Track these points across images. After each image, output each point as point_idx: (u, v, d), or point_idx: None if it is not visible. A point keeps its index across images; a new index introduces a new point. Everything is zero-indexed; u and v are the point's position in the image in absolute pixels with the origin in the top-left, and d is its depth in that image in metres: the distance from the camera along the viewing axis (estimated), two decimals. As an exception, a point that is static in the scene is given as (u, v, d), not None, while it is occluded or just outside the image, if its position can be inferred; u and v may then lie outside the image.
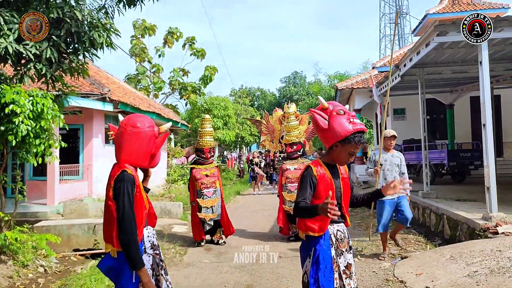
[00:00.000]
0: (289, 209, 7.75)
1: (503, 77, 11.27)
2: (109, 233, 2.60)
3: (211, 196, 7.60)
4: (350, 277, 2.87)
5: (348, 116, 2.80)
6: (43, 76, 6.52)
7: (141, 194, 2.66)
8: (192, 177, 7.75)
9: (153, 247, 2.77)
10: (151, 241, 2.79)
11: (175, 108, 28.22)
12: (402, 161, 6.56)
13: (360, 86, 17.80)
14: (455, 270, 5.03)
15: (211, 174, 7.69)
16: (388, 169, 6.46)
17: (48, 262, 6.80)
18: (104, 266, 2.65)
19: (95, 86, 11.71)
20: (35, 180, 11.50)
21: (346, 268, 2.88)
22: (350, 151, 2.79)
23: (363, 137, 2.79)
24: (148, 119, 2.76)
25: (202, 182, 7.61)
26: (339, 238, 2.90)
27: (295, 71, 55.80)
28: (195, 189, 7.70)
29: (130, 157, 2.66)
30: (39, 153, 6.40)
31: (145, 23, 26.73)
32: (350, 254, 2.94)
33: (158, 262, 2.75)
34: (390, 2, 67.80)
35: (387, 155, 6.57)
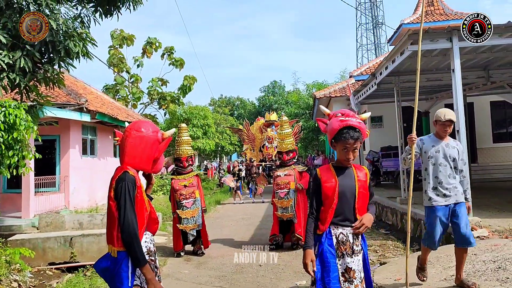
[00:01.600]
0: (281, 215, 7.75)
1: (476, 84, 11.56)
2: (110, 233, 2.68)
3: (190, 207, 7.51)
4: (350, 282, 2.89)
5: (342, 116, 2.97)
6: (16, 86, 6.39)
7: (142, 196, 2.73)
8: (172, 188, 7.69)
9: (149, 253, 2.77)
10: (148, 247, 2.79)
11: (154, 118, 28.03)
12: (461, 154, 4.81)
13: (338, 94, 18.02)
14: (433, 274, 5.09)
15: (189, 184, 7.59)
16: (441, 164, 4.66)
17: (23, 276, 6.62)
18: (100, 266, 2.71)
19: (72, 96, 11.55)
20: (9, 192, 11.24)
21: (345, 271, 2.91)
22: (343, 147, 2.93)
23: (353, 132, 2.90)
24: (152, 125, 2.88)
25: (181, 193, 7.51)
26: (340, 240, 2.95)
27: (274, 81, 56.26)
28: (175, 200, 7.61)
29: (134, 160, 2.75)
30: (12, 164, 6.25)
31: (123, 33, 26.56)
32: (351, 258, 2.92)
33: (153, 269, 2.75)
34: (366, 12, 69.08)
35: (440, 144, 4.75)
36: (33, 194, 10.21)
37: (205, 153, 32.11)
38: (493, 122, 16.48)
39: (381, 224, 10.47)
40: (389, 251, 7.27)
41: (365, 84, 12.17)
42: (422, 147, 4.80)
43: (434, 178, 4.67)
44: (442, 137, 4.78)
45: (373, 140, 17.18)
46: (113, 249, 2.65)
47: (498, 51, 8.51)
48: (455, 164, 4.69)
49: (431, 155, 4.71)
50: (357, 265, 2.93)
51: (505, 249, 5.38)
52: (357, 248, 2.97)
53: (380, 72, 10.10)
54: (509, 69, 10.34)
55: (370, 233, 8.89)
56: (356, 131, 2.91)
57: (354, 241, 2.96)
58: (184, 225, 7.44)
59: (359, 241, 3.00)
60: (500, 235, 6.32)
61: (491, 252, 5.32)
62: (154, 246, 2.88)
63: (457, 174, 4.70)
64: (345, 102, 17.54)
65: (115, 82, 26.53)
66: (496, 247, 5.50)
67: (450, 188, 4.59)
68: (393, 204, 10.06)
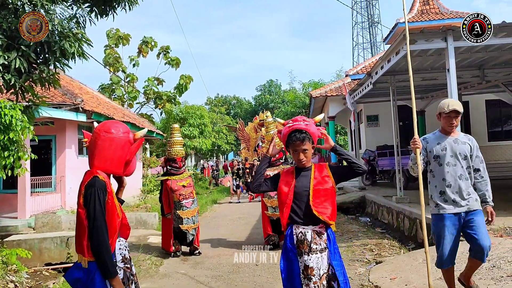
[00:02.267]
0: (271, 215, 7.78)
1: (471, 83, 11.62)
2: (80, 242, 2.53)
3: (190, 207, 7.50)
4: (309, 279, 3.02)
5: (291, 123, 3.23)
6: (12, 87, 6.37)
7: (113, 202, 2.59)
8: (168, 189, 7.54)
9: (124, 261, 2.69)
10: (123, 254, 2.70)
11: (150, 118, 27.99)
12: (475, 150, 4.01)
13: (334, 93, 18.04)
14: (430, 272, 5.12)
15: (187, 184, 7.59)
16: (448, 163, 3.95)
17: (19, 277, 6.61)
18: (71, 277, 2.56)
19: (68, 96, 11.53)
20: (5, 193, 11.21)
21: (304, 269, 3.05)
22: (293, 150, 3.20)
23: (299, 134, 3.14)
24: (123, 125, 2.75)
25: (181, 193, 7.45)
26: (299, 239, 3.11)
27: (270, 80, 56.27)
28: (172, 200, 7.50)
29: (104, 163, 2.62)
30: (8, 165, 6.24)
31: (119, 33, 26.51)
32: (309, 256, 3.05)
33: (129, 276, 2.68)
34: (362, 11, 69.19)
35: (447, 140, 4.03)
36: (29, 195, 10.18)
37: (202, 153, 32.07)
38: (488, 121, 16.58)
39: (377, 223, 10.51)
40: (385, 250, 7.30)
41: (361, 83, 12.20)
42: (426, 147, 4.10)
43: (441, 180, 3.96)
44: (449, 132, 4.04)
45: (369, 139, 17.24)
46: (83, 259, 2.52)
47: (493, 51, 8.56)
48: (468, 163, 3.93)
49: (436, 154, 4.00)
50: (316, 263, 3.05)
51: (500, 247, 5.42)
52: (316, 247, 3.09)
53: (376, 71, 10.13)
54: (503, 68, 10.40)
55: (366, 232, 8.93)
56: (302, 132, 3.14)
57: (312, 240, 3.09)
58: (186, 225, 7.42)
59: (321, 240, 3.10)
60: (495, 234, 6.37)
61: (485, 251, 5.35)
62: (128, 252, 2.78)
63: (471, 175, 3.95)
64: (341, 101, 17.57)
65: (111, 81, 26.48)
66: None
67: (461, 193, 3.88)
68: (389, 203, 10.10)
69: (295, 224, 3.15)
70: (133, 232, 9.54)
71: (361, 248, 7.45)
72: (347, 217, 11.43)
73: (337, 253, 3.16)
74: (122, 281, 2.58)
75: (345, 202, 12.79)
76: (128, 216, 10.23)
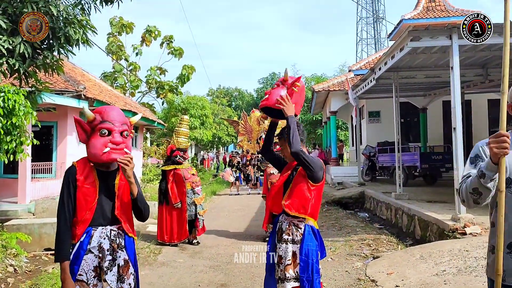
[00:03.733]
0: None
1: (474, 82, 11.62)
2: None
3: (200, 194, 7.84)
4: (278, 265, 3.22)
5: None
6: (15, 72, 6.37)
7: (84, 188, 2.57)
8: (180, 178, 7.51)
9: (100, 250, 2.60)
10: (99, 242, 2.61)
11: (151, 107, 27.97)
12: None
13: (336, 88, 18.02)
14: (425, 269, 5.17)
15: (195, 173, 7.97)
16: None
17: (18, 261, 6.65)
18: None
19: (70, 83, 11.52)
20: (6, 178, 11.23)
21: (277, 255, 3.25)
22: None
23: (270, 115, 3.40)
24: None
25: (193, 181, 7.71)
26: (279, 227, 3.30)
27: (273, 72, 56.26)
28: (184, 189, 7.53)
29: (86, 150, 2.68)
30: (10, 150, 6.25)
31: (123, 21, 26.39)
32: (280, 244, 3.23)
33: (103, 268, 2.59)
34: (367, 6, 68.83)
35: None
36: (29, 180, 10.21)
37: (202, 144, 32.09)
38: (490, 120, 16.58)
39: (376, 219, 10.56)
40: (383, 245, 7.34)
41: (364, 79, 12.19)
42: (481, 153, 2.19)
43: None
44: None
45: (370, 135, 17.26)
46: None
47: (497, 50, 8.55)
48: None
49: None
50: (284, 252, 3.16)
51: (497, 246, 5.45)
52: (287, 237, 3.19)
53: (379, 67, 10.12)
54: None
55: (364, 227, 8.97)
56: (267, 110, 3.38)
57: (285, 230, 3.21)
58: (201, 210, 7.74)
59: (297, 232, 3.18)
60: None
61: (482, 249, 5.39)
62: (112, 242, 2.64)
63: None
64: (343, 96, 17.56)
65: (114, 69, 26.41)
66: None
67: None
68: (388, 199, 10.14)
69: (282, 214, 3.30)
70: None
71: (359, 243, 7.49)
72: (345, 212, 11.48)
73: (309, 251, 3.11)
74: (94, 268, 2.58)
75: (344, 197, 12.84)
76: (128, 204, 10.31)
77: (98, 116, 2.65)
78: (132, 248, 2.74)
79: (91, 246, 2.60)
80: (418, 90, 14.22)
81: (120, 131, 2.64)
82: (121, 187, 2.67)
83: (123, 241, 2.70)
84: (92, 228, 2.62)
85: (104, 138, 2.59)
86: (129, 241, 2.72)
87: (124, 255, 2.67)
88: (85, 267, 2.58)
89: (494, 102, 16.09)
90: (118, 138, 2.60)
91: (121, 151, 2.61)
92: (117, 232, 2.67)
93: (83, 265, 2.58)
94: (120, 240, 2.68)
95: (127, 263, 2.67)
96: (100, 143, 2.58)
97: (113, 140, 2.59)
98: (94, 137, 2.61)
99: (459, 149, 6.98)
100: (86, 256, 2.59)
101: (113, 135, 2.60)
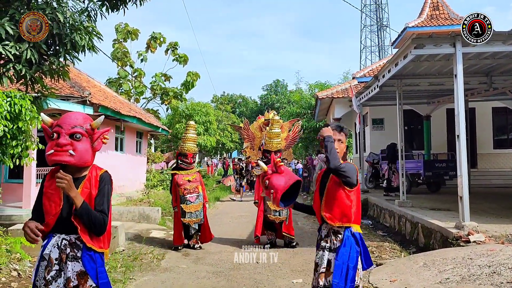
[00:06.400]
0: (274, 218, 7.78)
1: (478, 90, 11.60)
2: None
3: (194, 201, 7.69)
4: (316, 271, 3.23)
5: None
6: (22, 77, 6.43)
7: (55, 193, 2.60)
8: (175, 183, 7.78)
9: (48, 259, 2.59)
10: (50, 251, 2.60)
11: (156, 113, 28.07)
12: None
13: (340, 95, 18.04)
14: (428, 277, 5.15)
15: (193, 180, 7.80)
16: None
17: (22, 266, 6.67)
18: None
19: (75, 89, 11.60)
20: (11, 182, 11.29)
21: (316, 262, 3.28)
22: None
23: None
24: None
25: (185, 188, 7.68)
26: (320, 234, 3.30)
27: (277, 80, 56.36)
28: (178, 195, 7.71)
29: None
30: (15, 154, 6.30)
31: (128, 27, 26.59)
32: (317, 251, 3.28)
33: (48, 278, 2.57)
34: (371, 14, 69.01)
35: None
36: (34, 185, 10.26)
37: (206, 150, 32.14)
38: (494, 128, 16.54)
39: (379, 226, 10.53)
40: (386, 252, 7.33)
41: (368, 86, 12.21)
42: None
43: None
44: None
45: (373, 142, 17.23)
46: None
47: (501, 58, 8.55)
48: None
49: None
50: (320, 259, 3.18)
51: (501, 254, 5.43)
52: (324, 244, 3.19)
53: (383, 74, 10.14)
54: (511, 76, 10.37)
55: (368, 234, 8.94)
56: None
57: (324, 237, 3.22)
58: (187, 219, 7.59)
59: (336, 239, 3.14)
60: (496, 241, 6.37)
61: (486, 257, 5.37)
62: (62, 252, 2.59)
63: None
64: (347, 103, 17.57)
65: (119, 76, 26.58)
66: (492, 252, 5.55)
67: None
68: (391, 206, 10.12)
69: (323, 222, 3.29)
70: (136, 226, 9.62)
71: (362, 250, 7.47)
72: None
73: (346, 256, 3.05)
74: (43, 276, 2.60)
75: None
76: (132, 210, 10.36)
77: (55, 122, 2.69)
78: (90, 262, 2.60)
79: (44, 253, 2.62)
80: (421, 98, 14.22)
81: (69, 133, 2.58)
82: (83, 195, 2.59)
83: (80, 252, 2.60)
84: (52, 235, 2.64)
85: (52, 141, 2.60)
86: (85, 255, 2.60)
87: (79, 267, 2.59)
88: (39, 273, 2.61)
89: (498, 110, 16.06)
90: (62, 140, 2.55)
91: (65, 153, 2.53)
92: (69, 242, 2.60)
93: (39, 271, 2.62)
94: (74, 250, 2.60)
95: (84, 275, 2.58)
96: (48, 146, 2.61)
97: (57, 141, 2.56)
98: (48, 141, 2.64)
99: (463, 157, 6.96)
100: (42, 263, 2.62)
101: (60, 137, 2.58)
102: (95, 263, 2.60)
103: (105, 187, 2.66)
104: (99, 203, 2.61)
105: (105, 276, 2.65)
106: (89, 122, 2.70)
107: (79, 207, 2.51)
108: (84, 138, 2.62)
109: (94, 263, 2.60)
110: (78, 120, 2.66)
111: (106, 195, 2.65)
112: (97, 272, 2.60)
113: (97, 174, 2.69)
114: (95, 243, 2.62)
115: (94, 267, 2.59)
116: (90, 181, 2.64)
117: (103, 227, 2.59)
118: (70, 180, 2.49)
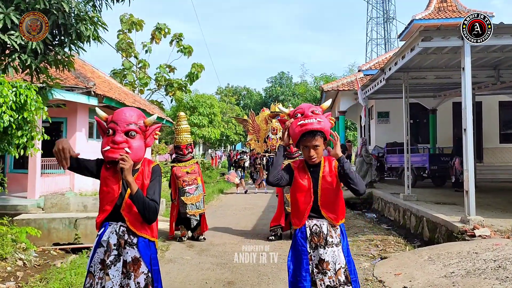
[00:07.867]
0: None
1: (485, 84, 11.50)
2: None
3: (193, 193, 7.67)
4: (323, 273, 2.90)
5: (301, 119, 3.02)
6: (27, 67, 6.44)
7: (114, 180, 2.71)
8: (174, 175, 7.80)
9: (107, 244, 2.69)
10: (108, 237, 2.71)
11: (160, 105, 28.06)
12: None
13: (345, 88, 17.95)
14: (433, 270, 5.13)
15: (191, 171, 7.77)
16: None
17: (28, 255, 6.72)
18: None
19: (80, 79, 11.60)
20: (16, 172, 11.35)
21: (319, 262, 2.93)
22: (303, 146, 3.04)
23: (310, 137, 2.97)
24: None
25: (184, 180, 7.66)
26: (314, 232, 2.98)
27: (282, 72, 56.05)
28: (177, 187, 7.72)
29: None
30: (21, 144, 6.31)
31: (133, 18, 26.51)
32: (324, 249, 2.93)
33: (107, 262, 2.66)
34: (378, 6, 68.50)
35: None
36: (39, 175, 10.31)
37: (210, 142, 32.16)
38: (501, 122, 16.42)
39: (383, 220, 10.51)
40: (390, 246, 7.31)
41: (374, 79, 12.13)
42: None
43: None
44: None
45: (379, 135, 17.18)
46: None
47: (509, 51, 8.46)
48: None
49: None
50: (332, 257, 2.92)
51: (506, 248, 5.41)
52: (332, 240, 2.96)
53: (389, 67, 10.07)
54: (519, 70, 10.27)
55: (372, 228, 8.93)
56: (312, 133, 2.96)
57: (328, 233, 2.97)
58: (190, 210, 7.59)
59: (335, 233, 3.00)
60: (502, 235, 6.35)
61: (492, 251, 5.35)
62: (120, 238, 2.70)
63: None
64: (352, 96, 17.49)
65: (123, 67, 26.54)
66: (497, 247, 5.53)
67: None
68: (396, 200, 10.10)
69: (309, 218, 3.02)
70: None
71: (367, 243, 7.47)
72: (353, 212, 11.45)
73: (349, 250, 3.06)
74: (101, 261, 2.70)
75: (352, 197, 12.77)
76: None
77: (110, 117, 2.78)
78: (145, 248, 2.72)
79: (102, 240, 2.71)
80: (428, 91, 14.12)
81: (124, 131, 2.68)
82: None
83: (136, 238, 2.72)
84: (108, 223, 2.74)
85: (108, 138, 2.70)
86: (141, 241, 2.72)
87: (134, 253, 2.69)
88: (95, 259, 2.69)
89: (505, 104, 15.93)
90: (118, 138, 2.65)
91: (121, 151, 2.63)
92: (126, 228, 2.72)
93: (95, 257, 2.69)
94: (131, 237, 2.72)
95: (137, 261, 2.69)
96: (104, 142, 2.71)
97: (113, 139, 2.65)
98: (104, 136, 2.76)
99: (469, 151, 6.91)
100: (98, 249, 2.71)
101: (115, 135, 2.67)
102: (149, 250, 2.75)
103: (156, 178, 2.79)
104: (151, 192, 2.72)
105: (157, 263, 2.79)
106: (142, 119, 2.81)
107: (134, 192, 2.62)
108: (138, 136, 2.74)
109: (149, 249, 2.75)
110: (132, 117, 2.75)
111: (158, 186, 2.78)
112: (151, 259, 2.74)
113: (149, 167, 2.81)
114: (148, 231, 2.75)
115: (149, 253, 2.73)
116: (143, 173, 2.76)
117: (155, 214, 2.70)
118: (131, 165, 2.62)
